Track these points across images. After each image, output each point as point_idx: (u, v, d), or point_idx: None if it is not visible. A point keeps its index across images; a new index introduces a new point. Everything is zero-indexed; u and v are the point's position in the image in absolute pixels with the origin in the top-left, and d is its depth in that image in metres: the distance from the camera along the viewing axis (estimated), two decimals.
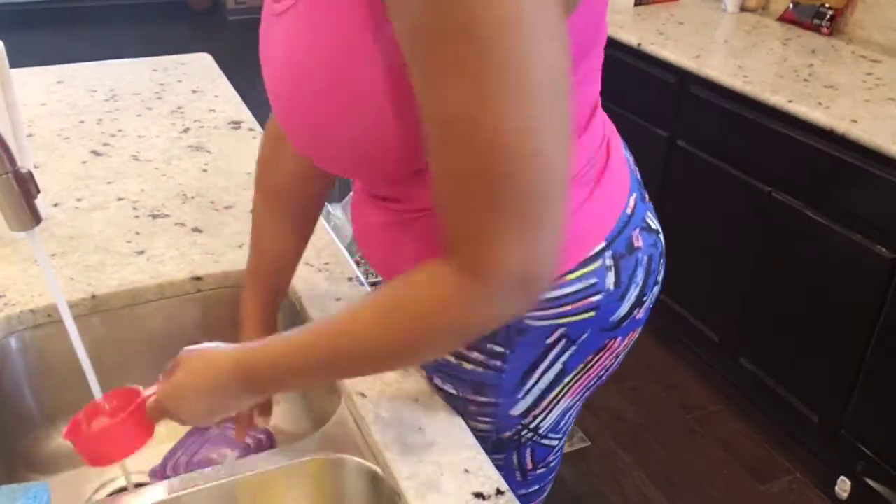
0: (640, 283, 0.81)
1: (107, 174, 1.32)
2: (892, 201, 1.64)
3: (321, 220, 1.21)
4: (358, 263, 1.30)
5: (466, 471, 0.77)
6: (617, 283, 0.79)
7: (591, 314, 0.79)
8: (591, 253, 0.77)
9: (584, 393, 0.89)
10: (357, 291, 1.04)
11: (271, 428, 1.06)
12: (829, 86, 1.92)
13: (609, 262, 0.78)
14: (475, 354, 0.81)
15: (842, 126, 1.70)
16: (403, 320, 0.64)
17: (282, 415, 1.13)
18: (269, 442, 1.04)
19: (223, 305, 1.09)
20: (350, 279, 1.07)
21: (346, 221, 2.01)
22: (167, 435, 1.09)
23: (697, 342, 2.32)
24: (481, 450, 0.80)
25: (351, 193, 0.92)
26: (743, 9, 2.59)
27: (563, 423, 0.91)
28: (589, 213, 0.77)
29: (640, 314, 0.85)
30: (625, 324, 0.83)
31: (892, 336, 1.69)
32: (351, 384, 0.88)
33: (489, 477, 0.77)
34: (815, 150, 1.78)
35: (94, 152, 1.40)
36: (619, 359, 0.89)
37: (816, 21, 2.34)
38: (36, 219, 0.74)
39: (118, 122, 1.53)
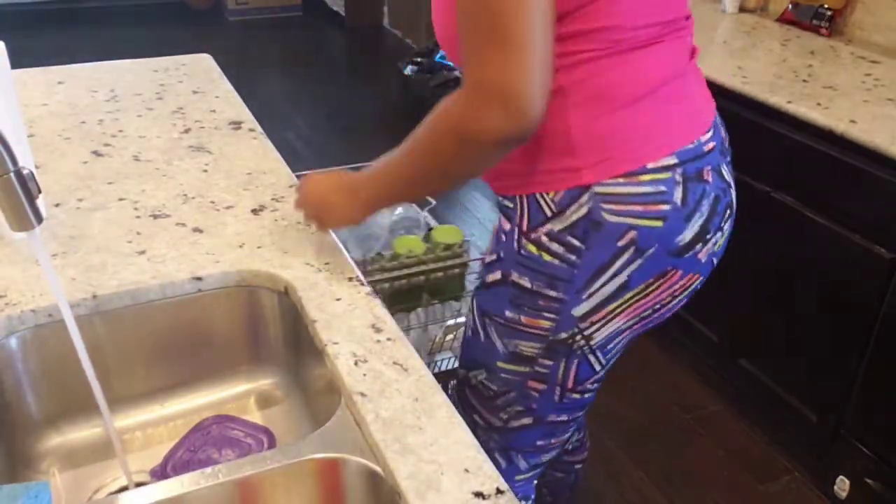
0: (706, 215, 0.91)
1: (108, 174, 1.33)
2: (891, 201, 1.64)
3: None
4: (358, 263, 1.30)
5: (466, 470, 0.77)
6: (684, 200, 0.89)
7: (660, 223, 0.88)
8: (662, 164, 0.88)
9: (637, 321, 0.98)
10: (357, 291, 1.05)
11: (271, 428, 1.07)
12: (828, 86, 1.92)
13: (679, 178, 0.88)
14: (555, 246, 0.92)
15: (840, 126, 1.71)
16: (435, 134, 0.85)
17: (282, 415, 1.13)
18: (269, 442, 1.04)
19: (224, 305, 1.09)
20: (350, 279, 1.07)
21: None
22: (167, 435, 1.09)
23: (697, 342, 2.32)
24: (481, 449, 0.80)
25: None
26: (742, 9, 2.60)
27: (612, 346, 1.00)
28: (661, 122, 0.88)
29: (703, 256, 0.94)
30: (687, 255, 0.92)
31: (891, 336, 1.70)
32: (351, 384, 0.88)
33: (489, 476, 0.77)
34: (815, 151, 1.79)
35: (95, 153, 1.40)
36: (675, 300, 0.99)
37: (815, 22, 2.35)
38: (37, 219, 0.75)
39: (119, 123, 1.53)
